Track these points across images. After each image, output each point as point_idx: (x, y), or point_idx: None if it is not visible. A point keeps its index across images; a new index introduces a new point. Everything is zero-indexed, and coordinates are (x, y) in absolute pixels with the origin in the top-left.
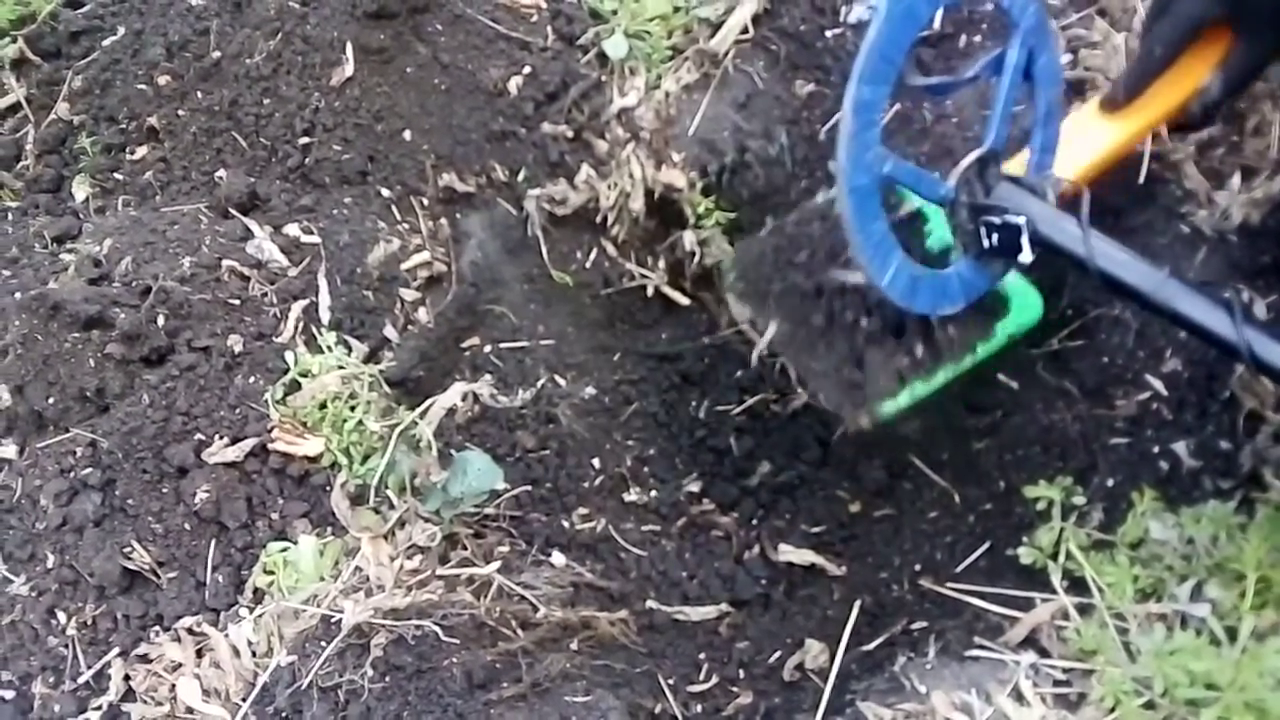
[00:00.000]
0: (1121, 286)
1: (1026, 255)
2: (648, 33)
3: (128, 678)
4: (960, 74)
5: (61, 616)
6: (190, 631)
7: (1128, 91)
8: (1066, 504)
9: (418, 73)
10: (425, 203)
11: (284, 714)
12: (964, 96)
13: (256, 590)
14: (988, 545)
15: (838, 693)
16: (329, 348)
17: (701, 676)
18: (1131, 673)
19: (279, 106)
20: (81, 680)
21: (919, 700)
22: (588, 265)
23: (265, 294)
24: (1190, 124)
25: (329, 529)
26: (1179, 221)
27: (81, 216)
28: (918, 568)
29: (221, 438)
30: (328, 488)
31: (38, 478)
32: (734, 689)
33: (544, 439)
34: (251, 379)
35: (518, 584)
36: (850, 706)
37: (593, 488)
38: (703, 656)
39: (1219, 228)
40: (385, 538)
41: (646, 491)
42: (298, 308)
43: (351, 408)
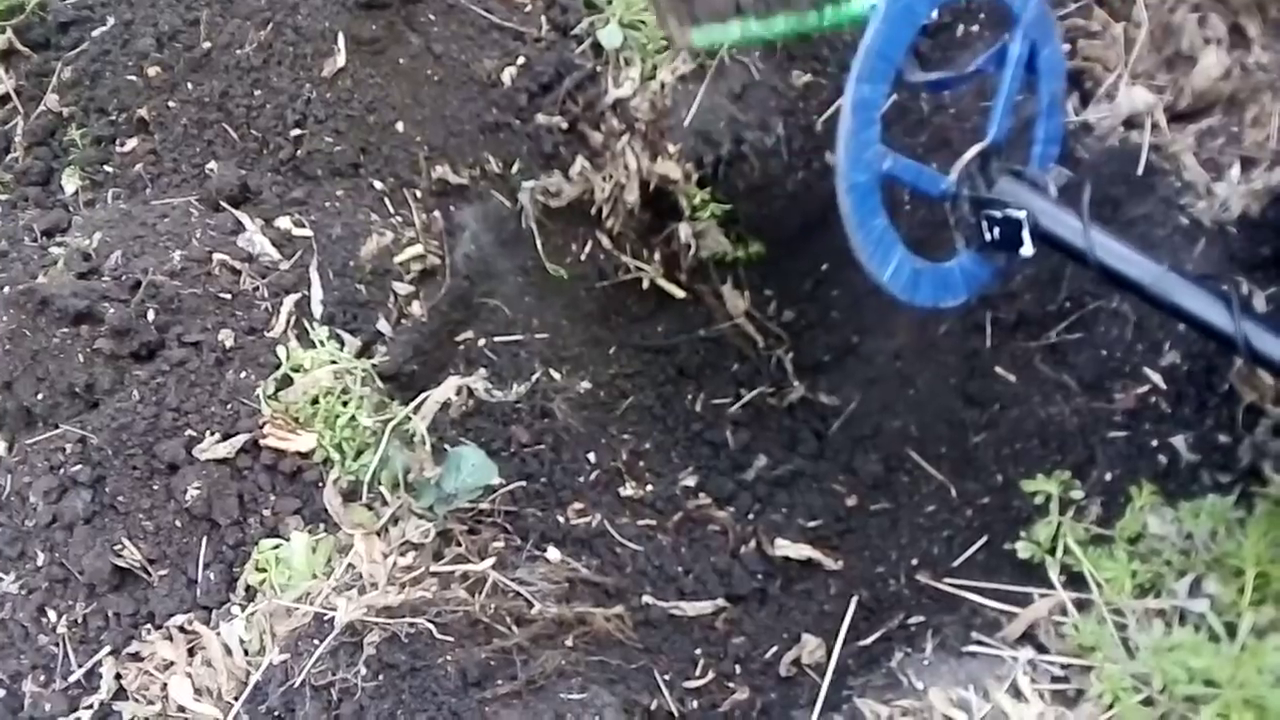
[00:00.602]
0: (1121, 280)
1: (1028, 248)
2: (643, 22)
3: (119, 676)
4: (960, 68)
5: (52, 614)
6: (182, 629)
7: None
8: (1064, 498)
9: (410, 63)
10: (418, 195)
11: (276, 713)
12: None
13: (248, 588)
14: (985, 539)
15: (835, 688)
16: (321, 342)
17: (698, 672)
18: (1130, 669)
19: (270, 98)
20: (72, 679)
21: (916, 696)
22: (583, 258)
23: (257, 288)
24: None
25: (321, 526)
26: (1178, 213)
27: (71, 209)
28: (915, 562)
29: (212, 434)
30: (320, 484)
31: (27, 474)
32: (730, 685)
33: (539, 433)
34: (243, 374)
35: (512, 580)
36: (847, 702)
37: (588, 482)
38: (699, 652)
39: (1218, 219)
40: (378, 534)
41: (642, 486)
42: (289, 302)
43: (344, 403)
